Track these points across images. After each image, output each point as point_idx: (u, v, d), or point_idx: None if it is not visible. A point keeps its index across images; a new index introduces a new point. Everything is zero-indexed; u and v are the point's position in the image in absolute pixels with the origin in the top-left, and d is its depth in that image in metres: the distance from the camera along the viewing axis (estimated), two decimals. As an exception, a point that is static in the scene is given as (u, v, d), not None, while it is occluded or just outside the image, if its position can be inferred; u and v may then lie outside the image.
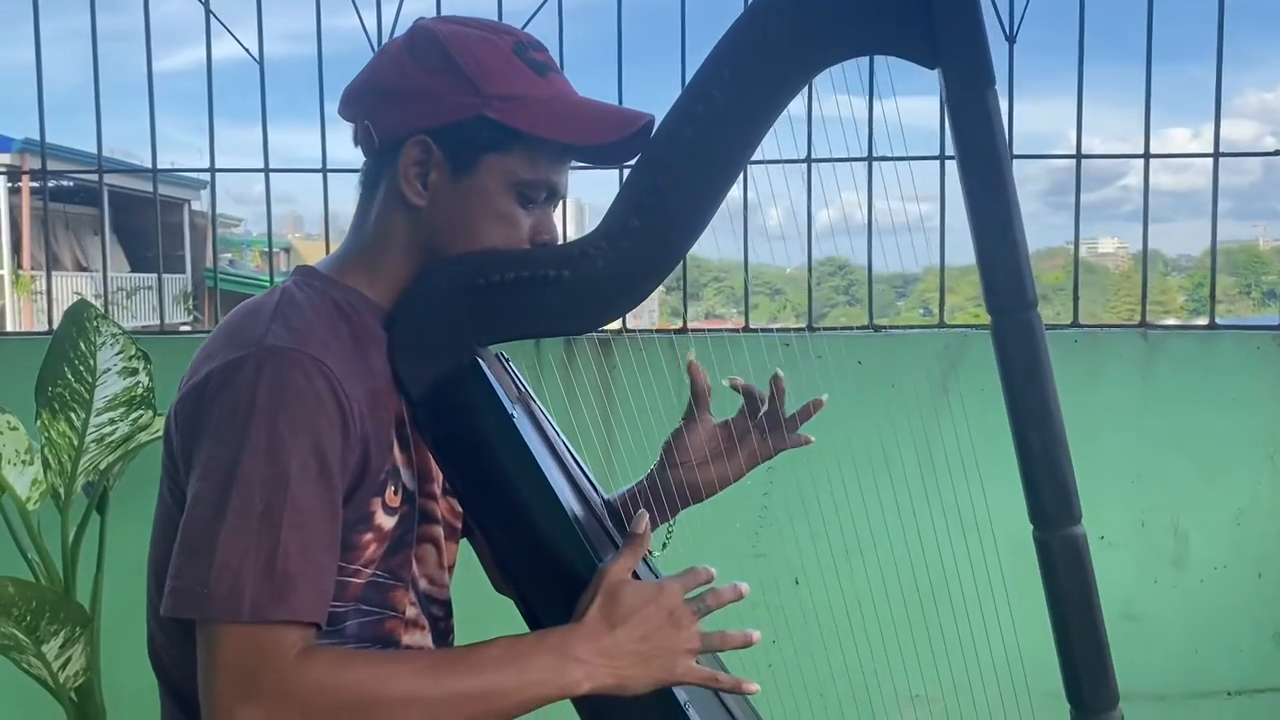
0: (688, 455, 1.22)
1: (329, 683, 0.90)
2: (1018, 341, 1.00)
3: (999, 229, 0.99)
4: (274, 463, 0.91)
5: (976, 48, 0.98)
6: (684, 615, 1.00)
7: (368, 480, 1.00)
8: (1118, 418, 2.18)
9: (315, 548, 0.92)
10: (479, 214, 1.05)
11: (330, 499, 0.94)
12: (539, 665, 0.96)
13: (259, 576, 0.89)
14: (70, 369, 1.49)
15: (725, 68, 1.01)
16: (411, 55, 1.05)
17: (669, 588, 1.00)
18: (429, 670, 0.95)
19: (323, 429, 0.93)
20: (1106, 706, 1.03)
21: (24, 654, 1.58)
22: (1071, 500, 1.01)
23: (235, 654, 0.89)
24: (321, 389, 0.94)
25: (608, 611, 0.98)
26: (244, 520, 0.90)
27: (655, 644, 0.98)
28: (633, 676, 0.98)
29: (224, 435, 0.92)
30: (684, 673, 1.00)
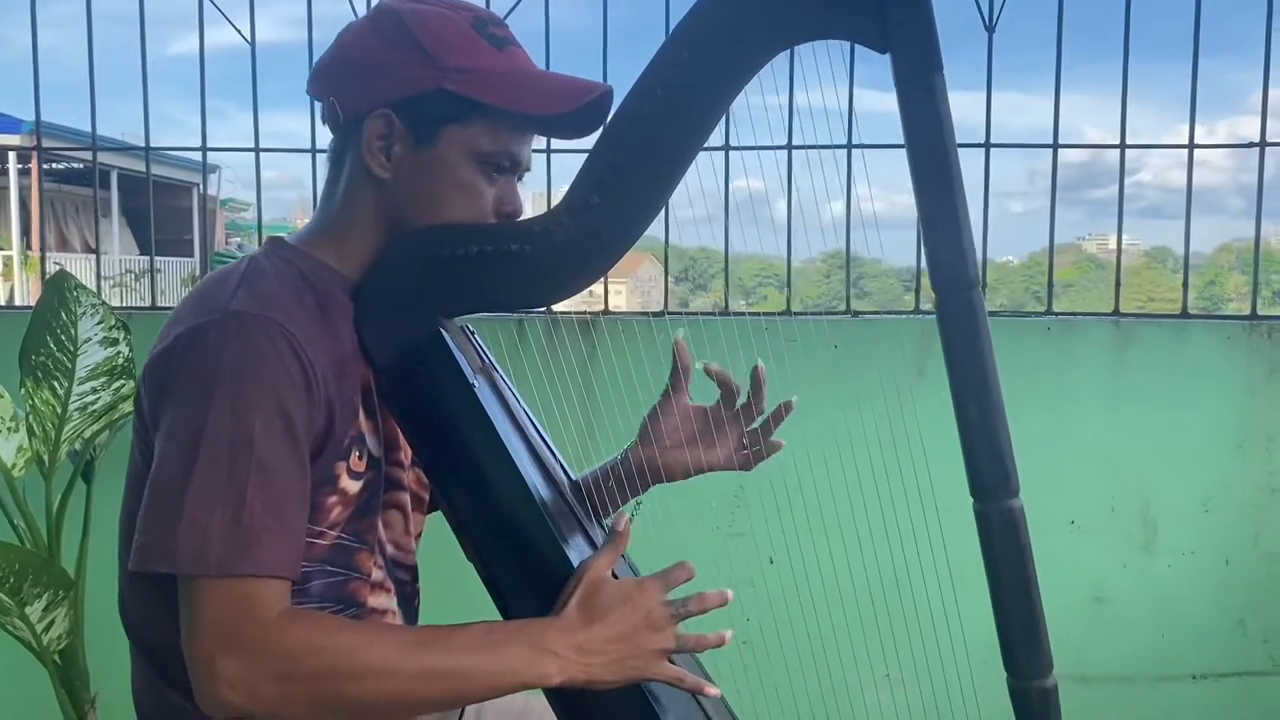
0: (662, 436, 1.26)
1: (309, 645, 0.93)
2: (959, 318, 1.03)
3: (943, 211, 1.02)
4: (239, 422, 0.94)
5: (925, 33, 1.01)
6: (661, 617, 1.01)
7: (331, 444, 1.03)
8: (1090, 404, 2.21)
9: (281, 504, 0.96)
10: (442, 185, 1.08)
11: (297, 456, 0.97)
12: (514, 654, 0.98)
13: (225, 532, 0.92)
14: (52, 338, 1.52)
15: (683, 48, 1.05)
16: (374, 32, 1.09)
17: (648, 588, 1.02)
18: (407, 646, 0.97)
19: (286, 389, 0.96)
20: (1039, 674, 1.06)
21: (8, 616, 1.61)
22: (1009, 473, 1.04)
23: (217, 608, 0.92)
24: (285, 352, 0.97)
25: (586, 608, 1.00)
26: (211, 478, 0.93)
27: (630, 644, 1.00)
28: (604, 674, 1.00)
29: (190, 397, 0.96)
30: (654, 672, 1.02)
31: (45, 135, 2.32)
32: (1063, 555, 2.20)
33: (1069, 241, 55.68)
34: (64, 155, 8.74)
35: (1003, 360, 2.20)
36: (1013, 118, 6.76)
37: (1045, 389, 2.20)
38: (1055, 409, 2.20)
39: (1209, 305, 16.14)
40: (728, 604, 1.04)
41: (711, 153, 2.18)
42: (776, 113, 1.18)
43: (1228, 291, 15.89)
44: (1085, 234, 27.67)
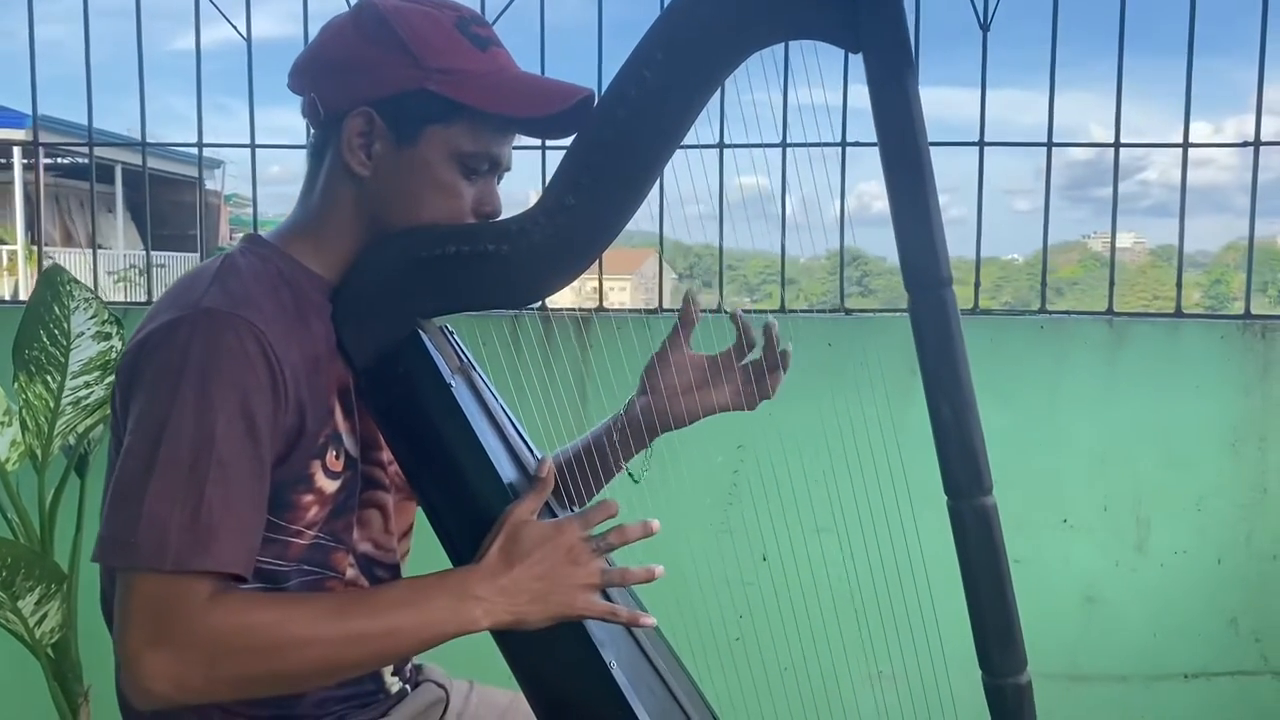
0: (661, 386, 1.26)
1: (233, 626, 0.94)
2: (931, 317, 1.04)
3: (916, 209, 1.03)
4: (202, 420, 0.95)
5: (897, 33, 1.01)
6: (582, 552, 1.03)
7: (304, 442, 1.04)
8: (1083, 403, 2.21)
9: (239, 502, 0.96)
10: (421, 184, 1.08)
11: (257, 456, 0.98)
12: (438, 605, 1.00)
13: (183, 528, 0.93)
14: (45, 333, 1.54)
15: (658, 49, 1.05)
16: (356, 29, 1.09)
17: (567, 526, 1.04)
18: (331, 612, 0.99)
19: (251, 389, 0.97)
20: (1013, 671, 1.06)
21: (1, 610, 1.63)
22: (982, 471, 1.04)
23: (147, 601, 0.93)
24: (253, 351, 0.98)
25: (507, 550, 1.03)
26: (171, 474, 0.94)
27: (553, 581, 1.02)
28: (530, 612, 1.02)
29: (157, 392, 0.96)
30: (583, 607, 1.03)
31: (50, 130, 2.34)
32: (1055, 554, 2.20)
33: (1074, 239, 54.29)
34: (63, 150, 8.76)
35: (996, 359, 2.23)
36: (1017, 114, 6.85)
37: (1038, 388, 2.20)
38: (1048, 408, 2.20)
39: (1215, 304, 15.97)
40: (653, 534, 1.05)
41: (704, 150, 2.21)
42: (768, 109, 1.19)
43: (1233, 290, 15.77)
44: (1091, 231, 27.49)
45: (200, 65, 2.32)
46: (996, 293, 49.13)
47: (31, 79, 2.30)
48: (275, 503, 1.03)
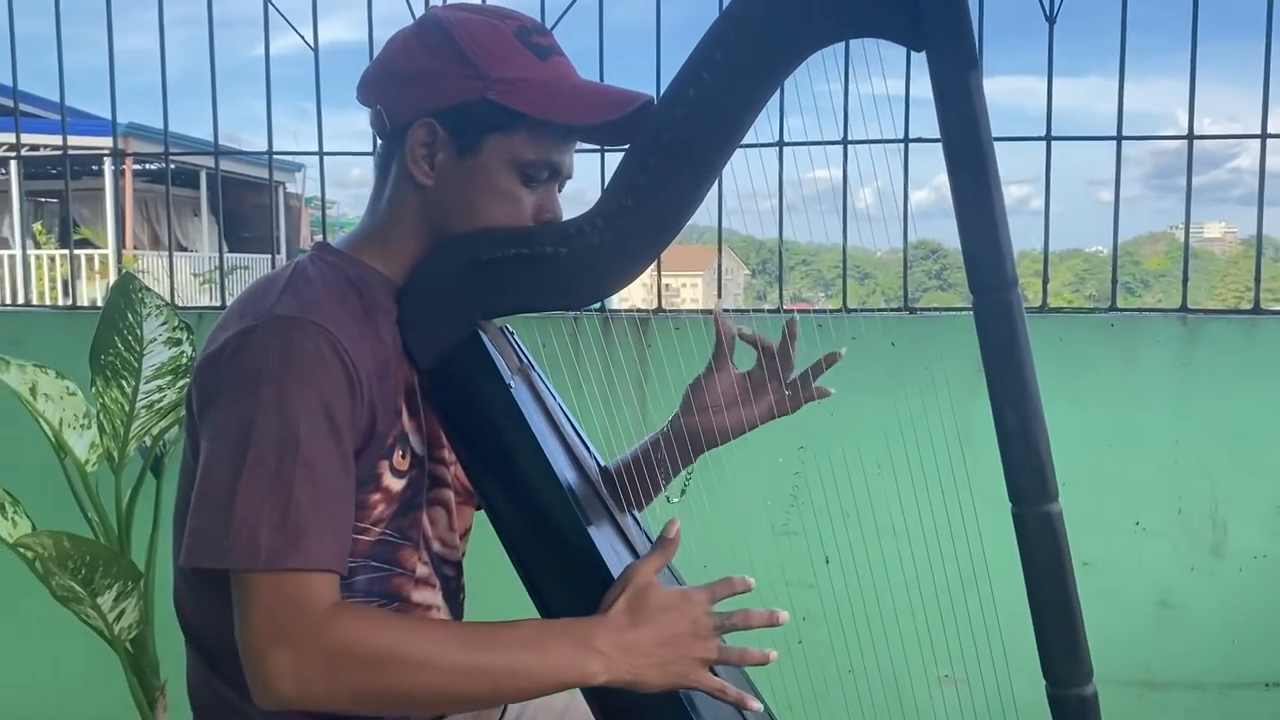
0: (705, 401, 1.26)
1: (355, 637, 0.96)
2: (997, 319, 1.02)
3: (980, 209, 1.01)
4: (284, 422, 0.97)
5: (960, 30, 0.99)
6: (706, 626, 1.03)
7: (374, 443, 1.05)
8: (1156, 403, 2.15)
9: (327, 500, 0.98)
10: (483, 193, 1.10)
11: (341, 453, 1.00)
12: (560, 652, 0.99)
13: (273, 528, 0.95)
14: (120, 339, 1.58)
15: (716, 50, 1.05)
16: (419, 41, 1.10)
17: (696, 597, 1.03)
18: (453, 641, 0.99)
19: (329, 389, 0.99)
20: (1079, 681, 1.04)
21: (82, 605, 1.68)
22: (1047, 477, 1.02)
23: (269, 601, 0.95)
24: (327, 353, 0.99)
25: (633, 610, 1.02)
26: (259, 476, 0.96)
27: (674, 650, 1.01)
28: (647, 677, 1.01)
29: (237, 399, 0.98)
30: (695, 680, 1.03)
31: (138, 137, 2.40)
32: (1127, 557, 2.15)
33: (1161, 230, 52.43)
34: (143, 157, 8.99)
35: (1065, 358, 2.19)
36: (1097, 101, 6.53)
37: (1110, 388, 2.15)
38: (1120, 408, 2.15)
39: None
40: (777, 625, 1.04)
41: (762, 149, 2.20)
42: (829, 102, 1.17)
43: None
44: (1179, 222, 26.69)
45: (270, 75, 2.37)
46: (1080, 285, 48.09)
47: (111, 90, 2.37)
48: None
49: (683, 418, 1.28)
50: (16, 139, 2.72)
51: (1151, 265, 47.83)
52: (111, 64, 2.42)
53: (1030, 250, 2.34)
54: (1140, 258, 50.76)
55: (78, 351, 1.71)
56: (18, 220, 3.27)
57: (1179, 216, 9.66)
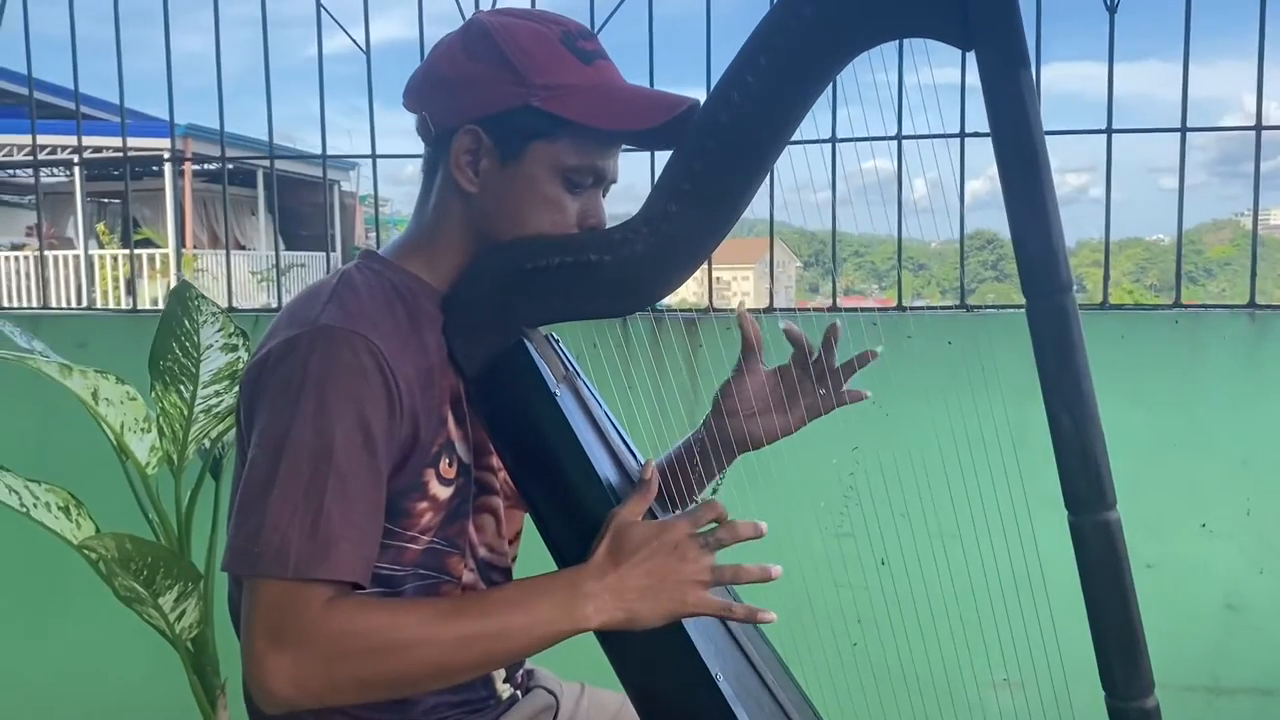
0: (736, 405, 1.26)
1: (348, 629, 0.97)
2: (1051, 324, 1.00)
3: (1033, 211, 0.99)
4: (321, 433, 0.98)
5: (1010, 29, 0.97)
6: (690, 548, 1.03)
7: (418, 452, 1.06)
8: (1222, 402, 2.09)
9: (357, 513, 0.99)
10: (527, 200, 1.10)
11: (374, 468, 1.01)
12: (548, 604, 1.01)
13: (304, 538, 0.96)
14: (178, 345, 1.61)
15: (761, 54, 1.03)
16: (464, 47, 1.10)
17: (674, 524, 1.04)
18: (443, 614, 1.01)
19: (368, 402, 1.00)
20: (1140, 694, 1.01)
21: (144, 606, 1.72)
22: (1105, 485, 1.00)
23: (269, 606, 0.97)
24: (369, 365, 1.00)
25: (614, 550, 1.03)
26: (292, 486, 0.97)
27: (661, 577, 1.02)
28: (641, 609, 1.02)
29: (278, 407, 1.00)
30: (695, 603, 1.03)
31: (196, 138, 2.45)
32: (1193, 560, 2.10)
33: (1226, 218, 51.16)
34: (200, 157, 9.18)
35: (1128, 356, 2.13)
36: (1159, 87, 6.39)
37: (1174, 386, 2.09)
38: (1185, 407, 2.09)
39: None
40: (763, 536, 1.04)
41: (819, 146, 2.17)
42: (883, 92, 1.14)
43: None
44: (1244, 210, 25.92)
45: (323, 76, 2.40)
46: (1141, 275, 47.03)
47: (169, 95, 2.42)
48: (391, 510, 1.05)
49: (713, 421, 1.27)
50: (78, 142, 2.77)
51: (1215, 253, 46.59)
52: (169, 70, 2.47)
53: (1089, 240, 2.29)
54: (1203, 246, 49.45)
55: (139, 354, 1.75)
56: (80, 221, 3.34)
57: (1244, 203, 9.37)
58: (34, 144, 2.78)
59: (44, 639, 2.51)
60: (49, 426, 2.31)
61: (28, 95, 2.63)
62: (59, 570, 1.96)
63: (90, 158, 9.00)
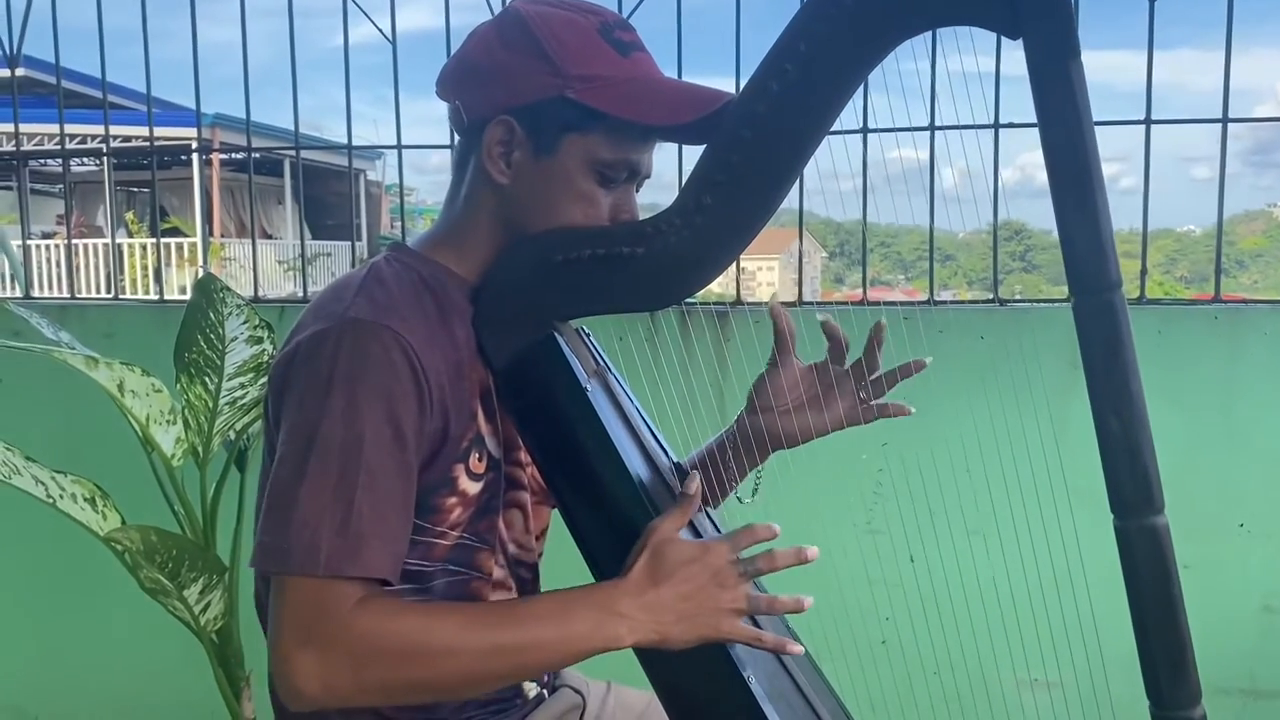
0: (770, 400, 1.23)
1: (378, 631, 0.96)
2: (1099, 322, 0.96)
3: (1082, 208, 0.96)
4: (350, 428, 0.96)
5: (1060, 18, 0.94)
6: (729, 575, 1.01)
7: (448, 446, 1.04)
8: (1263, 399, 2.04)
9: (387, 509, 0.98)
10: (560, 193, 1.08)
11: (404, 462, 0.99)
12: (583, 619, 0.99)
13: (334, 534, 0.95)
14: (203, 337, 1.60)
15: (800, 40, 1.01)
16: (498, 36, 1.08)
17: (715, 548, 1.01)
18: (475, 623, 0.99)
19: (398, 397, 0.98)
20: (1186, 704, 0.98)
21: (169, 598, 1.72)
22: (1153, 489, 0.96)
23: (298, 604, 0.95)
24: (398, 359, 0.99)
25: (653, 568, 1.01)
26: (322, 482, 0.96)
27: (698, 602, 1.00)
28: (674, 632, 1.00)
29: (307, 402, 0.98)
30: (728, 631, 1.01)
31: (223, 127, 2.45)
32: (1231, 560, 2.05)
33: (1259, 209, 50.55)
34: (227, 147, 9.24)
35: (1166, 352, 2.09)
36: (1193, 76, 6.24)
37: (1214, 383, 2.05)
38: (1224, 404, 2.05)
39: None
40: (808, 562, 1.02)
41: (846, 136, 2.14)
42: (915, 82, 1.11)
43: None
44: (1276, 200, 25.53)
45: (349, 67, 2.39)
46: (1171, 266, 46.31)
47: (195, 85, 2.42)
48: (420, 506, 1.04)
49: (747, 417, 1.25)
50: (105, 131, 2.77)
51: (1247, 245, 46.04)
52: (196, 60, 2.47)
53: (1120, 230, 2.24)
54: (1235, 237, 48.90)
55: (165, 344, 1.74)
56: (110, 210, 3.36)
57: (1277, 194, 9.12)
58: (62, 133, 2.79)
59: (71, 629, 2.52)
60: (76, 418, 2.31)
61: (56, 85, 2.63)
62: (86, 560, 1.96)
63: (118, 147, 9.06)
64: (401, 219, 2.58)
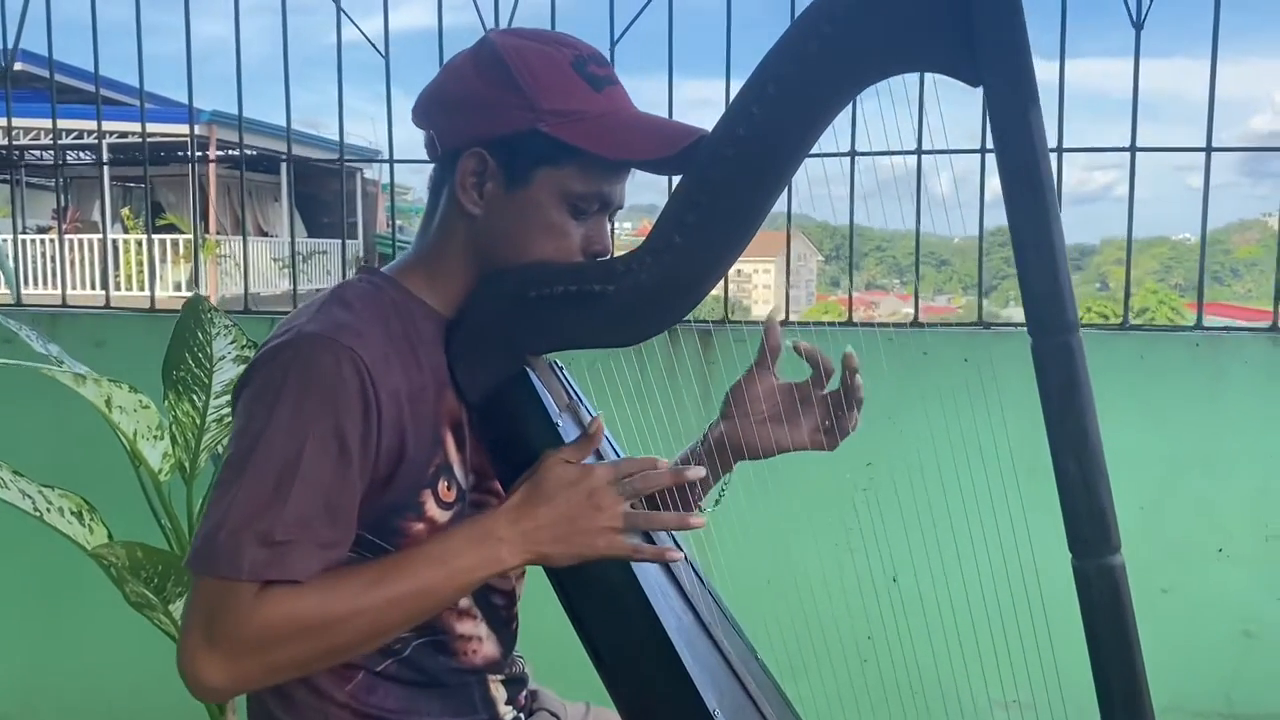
0: (745, 408, 1.25)
1: (281, 615, 0.98)
2: (1056, 364, 0.99)
3: (1039, 249, 0.98)
4: (292, 439, 0.99)
5: (1019, 67, 0.96)
6: (604, 495, 1.04)
7: (411, 469, 1.06)
8: (1243, 425, 2.06)
9: (318, 520, 1.00)
10: (531, 225, 1.09)
11: (346, 475, 1.01)
12: (465, 555, 1.04)
13: (260, 541, 0.97)
14: (191, 356, 1.62)
15: (769, 84, 1.02)
16: (474, 68, 1.10)
17: (596, 471, 1.05)
18: (370, 583, 1.02)
19: (344, 412, 1.00)
20: (1139, 739, 1.00)
21: (154, 612, 1.74)
22: (1110, 529, 0.98)
23: (203, 604, 0.98)
24: (348, 374, 1.01)
25: (530, 492, 1.05)
26: (258, 489, 0.98)
27: (573, 522, 1.04)
28: (552, 552, 1.05)
29: (255, 410, 1.01)
30: (604, 547, 1.05)
31: (220, 124, 2.46)
32: (1210, 584, 2.07)
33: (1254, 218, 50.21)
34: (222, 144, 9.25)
35: (1148, 377, 2.11)
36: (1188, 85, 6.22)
37: (1194, 409, 2.07)
38: (1205, 430, 2.07)
39: None
40: (685, 480, 1.06)
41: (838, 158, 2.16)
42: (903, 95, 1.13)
43: None
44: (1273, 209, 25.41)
45: (342, 80, 2.41)
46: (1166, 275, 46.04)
47: (188, 81, 2.43)
48: (385, 529, 1.06)
49: (721, 423, 1.27)
50: (99, 126, 2.75)
51: (1242, 254, 45.81)
52: (189, 58, 2.48)
53: (1114, 238, 2.25)
54: (1230, 246, 48.66)
55: (156, 353, 1.76)
56: (106, 206, 3.37)
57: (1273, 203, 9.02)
58: (54, 127, 2.80)
59: (58, 640, 2.54)
60: (64, 431, 2.33)
61: (49, 79, 2.64)
62: (74, 572, 1.98)
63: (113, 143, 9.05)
64: (393, 228, 2.59)
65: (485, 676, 1.17)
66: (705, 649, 1.16)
